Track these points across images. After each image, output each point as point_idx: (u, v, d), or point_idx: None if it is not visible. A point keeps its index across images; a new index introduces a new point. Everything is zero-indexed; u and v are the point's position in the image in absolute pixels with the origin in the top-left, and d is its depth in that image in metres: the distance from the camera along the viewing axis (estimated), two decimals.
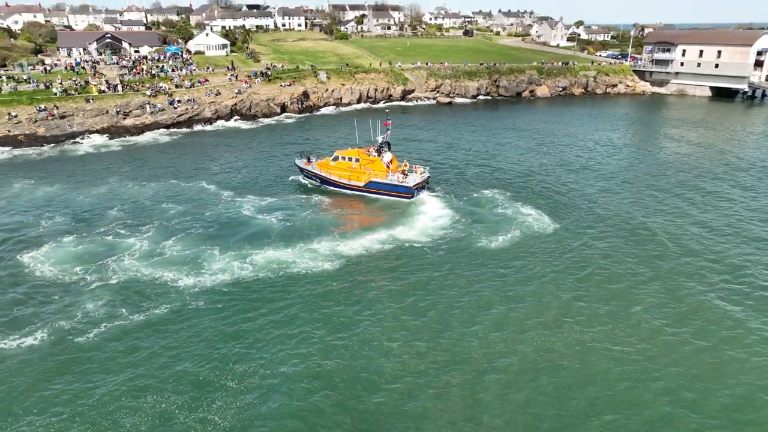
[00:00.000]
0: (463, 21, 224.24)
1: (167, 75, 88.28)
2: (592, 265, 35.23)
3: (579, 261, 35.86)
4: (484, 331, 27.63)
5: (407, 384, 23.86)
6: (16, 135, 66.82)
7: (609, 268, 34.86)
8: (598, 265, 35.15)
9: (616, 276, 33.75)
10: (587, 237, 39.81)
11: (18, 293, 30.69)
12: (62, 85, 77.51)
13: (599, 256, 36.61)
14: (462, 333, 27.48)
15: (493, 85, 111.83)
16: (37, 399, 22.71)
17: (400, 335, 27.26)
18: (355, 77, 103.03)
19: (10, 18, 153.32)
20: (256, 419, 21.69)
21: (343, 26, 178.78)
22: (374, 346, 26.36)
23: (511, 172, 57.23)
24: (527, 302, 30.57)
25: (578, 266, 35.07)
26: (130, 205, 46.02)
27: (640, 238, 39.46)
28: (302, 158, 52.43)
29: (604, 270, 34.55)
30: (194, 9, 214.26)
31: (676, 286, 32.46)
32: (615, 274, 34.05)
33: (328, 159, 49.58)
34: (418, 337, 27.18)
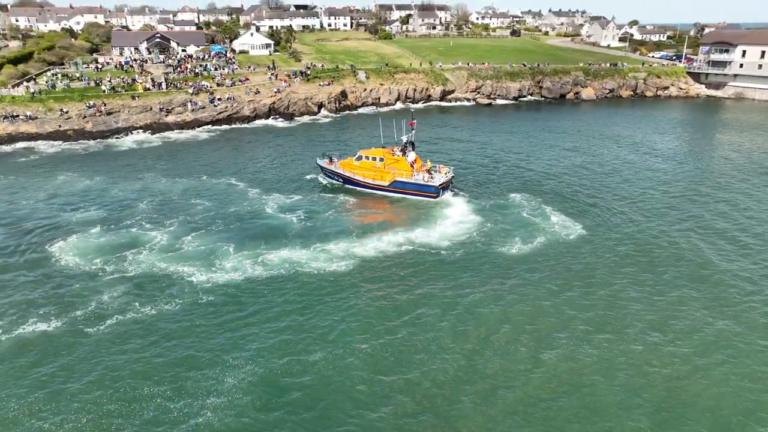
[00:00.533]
0: (511, 21, 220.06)
1: (210, 74, 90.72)
2: (622, 278, 33.40)
3: (607, 273, 34.11)
4: (502, 345, 26.42)
5: (406, 399, 23.26)
6: (65, 130, 70.21)
7: (643, 283, 32.84)
8: (631, 279, 33.23)
9: (648, 293, 31.79)
10: (619, 247, 37.84)
11: (42, 281, 32.03)
12: (111, 82, 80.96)
13: (632, 269, 34.64)
14: (477, 346, 26.26)
15: (536, 87, 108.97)
16: (41, 384, 23.50)
17: (404, 346, 26.62)
18: (394, 77, 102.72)
19: (73, 19, 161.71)
20: (245, 418, 21.65)
21: (388, 26, 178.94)
22: (374, 356, 25.85)
23: (545, 175, 55.39)
24: (547, 314, 29.29)
25: (605, 278, 33.37)
26: (159, 199, 47.36)
27: (678, 253, 36.97)
28: (324, 158, 52.38)
29: (635, 285, 32.63)
30: (245, 9, 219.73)
31: (715, 310, 30.36)
32: (647, 290, 32.09)
33: (351, 159, 49.46)
34: (422, 349, 26.46)
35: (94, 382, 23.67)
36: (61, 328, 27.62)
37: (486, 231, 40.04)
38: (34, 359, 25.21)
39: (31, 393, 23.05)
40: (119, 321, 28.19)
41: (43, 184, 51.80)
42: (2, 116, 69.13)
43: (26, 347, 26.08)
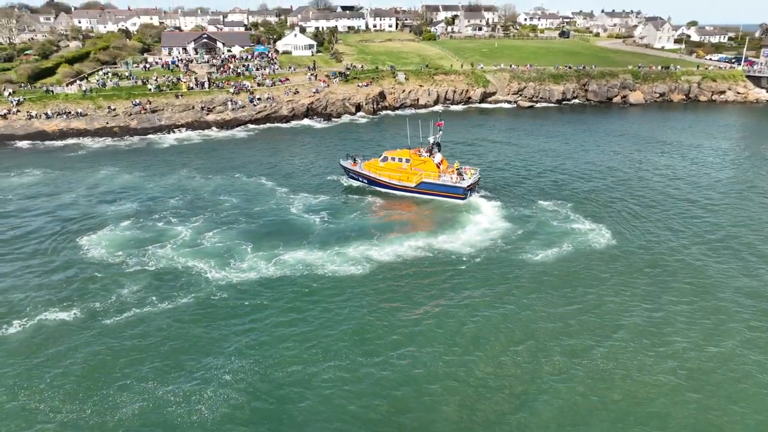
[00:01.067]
0: (561, 22, 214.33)
1: (251, 74, 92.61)
2: (656, 293, 31.71)
3: (641, 286, 32.46)
4: (520, 361, 25.45)
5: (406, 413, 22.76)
6: (112, 127, 73.24)
7: (671, 300, 31.16)
8: (664, 297, 31.52)
9: (677, 310, 30.07)
10: (649, 261, 35.92)
11: (68, 271, 33.33)
12: (157, 81, 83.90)
13: (667, 287, 32.83)
14: (494, 362, 25.27)
15: (582, 90, 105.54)
16: (50, 370, 24.39)
17: (410, 358, 26.08)
18: (433, 78, 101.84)
19: (130, 20, 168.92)
20: (241, 416, 21.72)
21: (433, 27, 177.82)
22: (379, 363, 25.46)
23: (581, 182, 53.43)
24: (572, 326, 28.10)
25: (639, 292, 31.75)
26: (190, 195, 48.56)
27: (722, 281, 34.69)
28: (348, 159, 52.23)
29: (670, 302, 30.92)
30: (293, 10, 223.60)
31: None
32: (678, 308, 30.36)
33: (376, 160, 49.19)
34: (430, 360, 25.86)
35: (99, 373, 24.33)
36: (80, 318, 28.60)
37: (512, 239, 38.84)
38: (49, 346, 26.16)
39: (41, 379, 23.92)
40: (135, 314, 28.93)
41: (85, 178, 54.10)
42: (56, 113, 72.78)
43: (44, 334, 27.12)
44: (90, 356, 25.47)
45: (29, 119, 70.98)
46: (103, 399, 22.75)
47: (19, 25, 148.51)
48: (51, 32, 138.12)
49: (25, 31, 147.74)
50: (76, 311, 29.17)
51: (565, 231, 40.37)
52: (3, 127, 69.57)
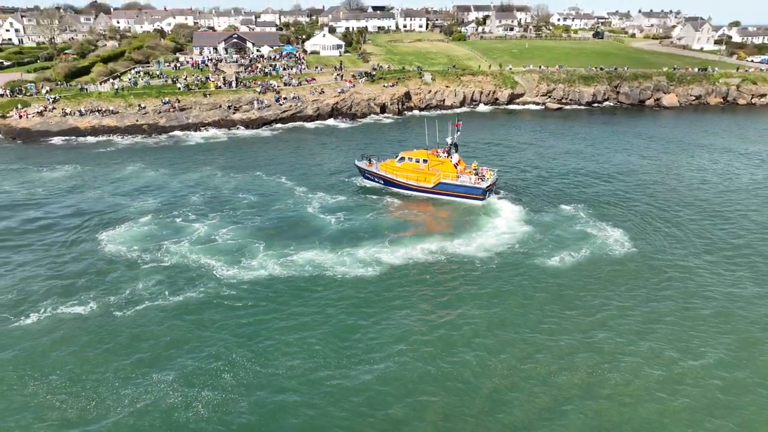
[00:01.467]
0: (596, 22, 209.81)
1: (278, 73, 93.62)
2: (670, 302, 30.64)
3: (651, 297, 31.43)
4: (535, 374, 24.85)
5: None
6: (141, 124, 75.08)
7: (690, 309, 30.01)
8: (679, 304, 30.45)
9: (692, 319, 28.97)
10: (667, 271, 34.73)
11: (85, 265, 34.25)
12: (186, 80, 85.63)
13: (682, 290, 31.74)
14: (507, 374, 24.72)
15: (613, 92, 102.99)
16: (62, 362, 25.09)
17: (414, 366, 25.82)
18: (460, 79, 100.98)
19: (165, 20, 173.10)
20: (238, 415, 21.87)
21: (463, 27, 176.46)
22: (381, 369, 25.28)
23: (605, 186, 52.15)
24: (582, 336, 27.40)
25: (647, 302, 30.74)
26: (211, 192, 49.34)
27: (743, 282, 33.48)
28: (363, 160, 52.01)
29: (683, 309, 29.86)
30: (324, 10, 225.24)
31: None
32: (694, 316, 29.24)
33: (392, 160, 48.96)
34: (437, 372, 25.53)
35: (107, 366, 24.91)
36: (95, 311, 29.32)
37: (530, 244, 38.11)
38: (62, 338, 26.92)
39: (52, 370, 24.63)
40: (147, 307, 29.53)
41: (112, 174, 55.56)
42: (89, 110, 75.06)
43: (59, 326, 27.91)
44: (99, 349, 26.08)
45: (64, 116, 73.41)
46: (107, 391, 23.28)
47: (61, 26, 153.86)
48: (90, 32, 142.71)
49: (66, 31, 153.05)
50: (91, 304, 29.91)
51: (585, 236, 39.39)
52: (39, 124, 72.11)
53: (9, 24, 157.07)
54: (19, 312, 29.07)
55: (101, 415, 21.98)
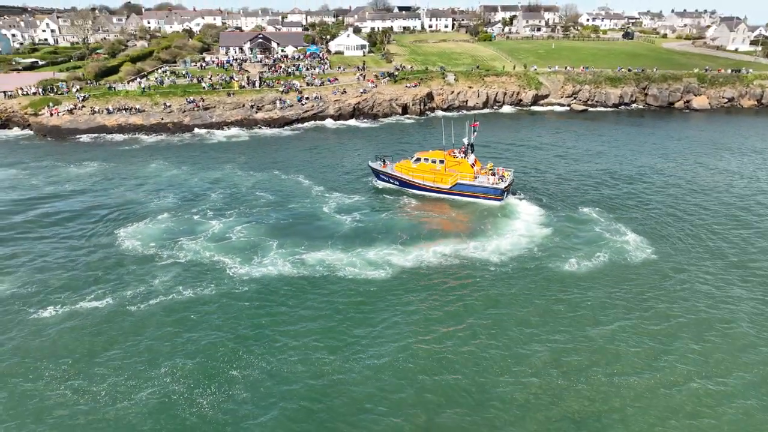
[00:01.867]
0: (626, 22, 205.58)
1: (301, 73, 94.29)
2: (692, 313, 29.74)
3: (670, 305, 30.56)
4: (550, 387, 24.36)
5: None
6: (166, 123, 76.51)
7: (710, 321, 29.08)
8: (698, 315, 29.52)
9: (714, 332, 28.04)
10: (688, 279, 33.73)
11: (104, 260, 35.06)
12: (211, 80, 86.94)
13: (703, 303, 30.77)
14: (521, 387, 24.30)
15: (641, 93, 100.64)
16: (77, 354, 25.69)
17: (420, 369, 25.62)
18: (484, 80, 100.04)
19: (194, 21, 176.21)
20: (241, 414, 22.05)
21: (490, 27, 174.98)
22: (386, 370, 25.16)
23: (628, 189, 50.97)
24: (597, 345, 26.81)
25: (666, 311, 29.90)
26: (230, 190, 49.96)
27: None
28: (377, 160, 51.64)
29: (703, 321, 28.94)
30: (351, 10, 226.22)
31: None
32: (716, 329, 28.32)
33: (408, 161, 48.68)
34: (445, 384, 25.25)
35: (118, 359, 25.41)
36: (111, 305, 29.96)
37: (546, 247, 37.42)
38: (79, 331, 27.59)
39: (67, 361, 25.26)
40: (161, 302, 30.06)
41: (136, 171, 56.73)
42: (116, 108, 76.86)
43: (75, 319, 28.61)
44: (112, 341, 26.66)
45: (92, 114, 75.32)
46: (118, 382, 23.77)
47: (94, 26, 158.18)
48: (121, 32, 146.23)
49: (99, 31, 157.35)
50: (108, 299, 30.56)
51: (604, 240, 38.53)
52: (69, 122, 74.14)
53: (45, 25, 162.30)
54: (37, 304, 29.91)
55: (110, 404, 22.44)
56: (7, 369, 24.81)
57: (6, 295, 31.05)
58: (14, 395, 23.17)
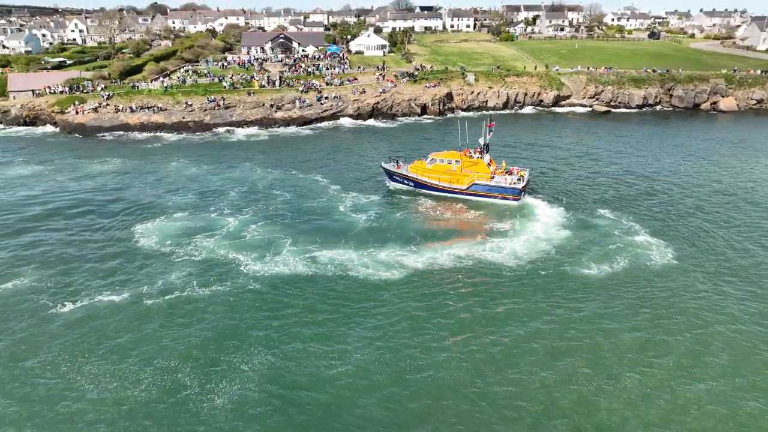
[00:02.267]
0: (652, 22, 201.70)
1: (321, 73, 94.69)
2: (712, 323, 29.01)
3: (693, 309, 29.86)
4: (568, 403, 23.86)
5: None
6: (187, 121, 77.60)
7: (731, 332, 28.31)
8: (717, 327, 28.77)
9: (737, 345, 27.25)
10: (711, 283, 32.90)
11: (122, 256, 35.72)
12: (232, 79, 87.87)
13: (723, 314, 29.97)
14: (538, 403, 23.77)
15: (666, 95, 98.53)
16: (94, 346, 26.19)
17: (426, 372, 25.49)
18: (504, 80, 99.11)
19: (217, 21, 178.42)
20: (250, 409, 22.20)
21: (512, 27, 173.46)
22: (392, 373, 25.08)
23: (649, 192, 49.90)
24: (617, 354, 26.33)
25: (690, 316, 29.20)
26: (248, 188, 50.45)
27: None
28: (391, 162, 51.14)
29: (724, 332, 28.19)
30: (373, 10, 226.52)
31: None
32: (739, 342, 27.54)
33: (422, 161, 48.35)
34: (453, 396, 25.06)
35: (135, 350, 25.81)
36: (127, 300, 30.51)
37: (565, 251, 36.79)
38: (96, 325, 28.15)
39: (83, 353, 25.78)
40: (177, 297, 30.51)
41: (157, 169, 57.65)
42: (139, 107, 78.23)
43: (93, 314, 29.20)
44: (127, 335, 27.13)
45: (116, 112, 76.80)
46: (129, 375, 24.19)
47: (121, 26, 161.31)
48: (146, 32, 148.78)
49: (125, 31, 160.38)
50: (125, 293, 31.11)
51: (625, 244, 37.73)
52: (93, 120, 75.72)
53: (74, 25, 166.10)
54: (57, 298, 30.60)
55: (123, 394, 22.85)
56: (23, 357, 25.40)
57: (26, 286, 31.88)
58: (30, 383, 23.72)
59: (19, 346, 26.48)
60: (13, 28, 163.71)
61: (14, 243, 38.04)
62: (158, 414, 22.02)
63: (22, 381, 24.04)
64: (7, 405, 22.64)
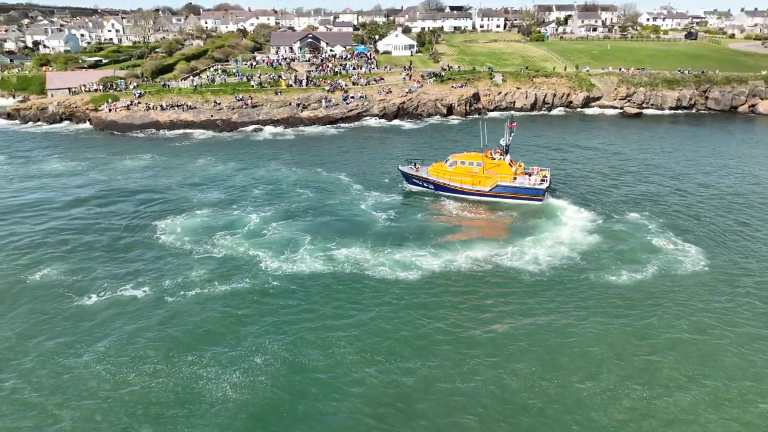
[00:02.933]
0: (690, 22, 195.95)
1: (348, 72, 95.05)
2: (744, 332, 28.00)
3: (727, 319, 28.86)
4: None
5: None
6: (215, 120, 78.94)
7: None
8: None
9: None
10: (748, 292, 31.73)
11: (145, 251, 36.53)
12: (260, 78, 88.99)
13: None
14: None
15: (701, 96, 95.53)
16: (117, 337, 26.85)
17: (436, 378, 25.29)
18: (533, 81, 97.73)
19: (249, 21, 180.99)
20: (261, 403, 22.44)
21: (543, 27, 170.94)
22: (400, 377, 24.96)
23: (682, 195, 48.42)
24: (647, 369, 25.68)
25: (725, 327, 28.23)
26: (272, 186, 51.03)
27: None
28: (409, 164, 49.95)
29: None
30: (402, 10, 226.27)
31: None
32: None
33: (442, 164, 47.72)
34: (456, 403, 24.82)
35: (153, 343, 26.39)
36: (150, 295, 31.14)
37: (590, 257, 35.68)
38: (117, 318, 28.87)
39: (104, 344, 26.45)
40: (197, 294, 30.99)
41: (185, 166, 58.80)
42: (169, 105, 79.94)
43: (116, 307, 29.95)
44: (146, 329, 27.72)
45: (147, 110, 78.68)
46: (148, 367, 24.68)
47: (155, 26, 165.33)
48: (179, 32, 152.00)
49: (159, 31, 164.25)
50: (146, 288, 31.77)
51: (656, 251, 36.43)
52: (125, 117, 77.73)
53: (111, 25, 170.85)
54: (81, 290, 31.50)
55: (139, 387, 23.36)
56: (52, 347, 26.23)
57: (53, 279, 32.88)
58: (55, 371, 24.51)
59: (41, 330, 27.33)
60: (53, 28, 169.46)
61: (45, 234, 39.42)
62: (172, 402, 22.43)
63: (44, 363, 24.80)
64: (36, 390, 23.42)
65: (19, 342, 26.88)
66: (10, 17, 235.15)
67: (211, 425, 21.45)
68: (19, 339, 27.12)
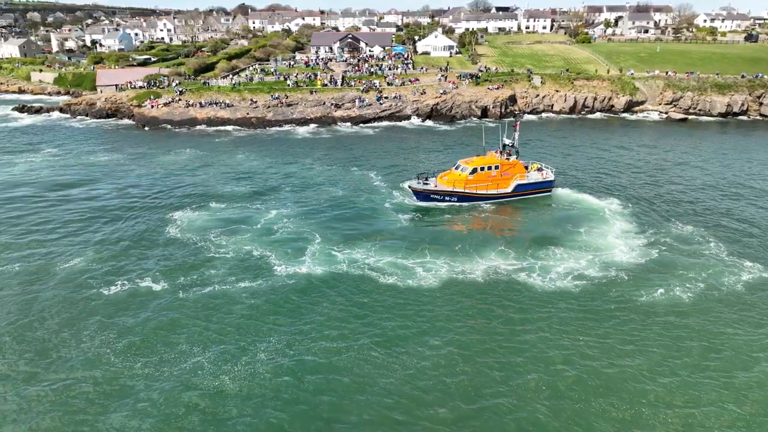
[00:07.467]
0: (752, 23, 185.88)
1: (383, 73, 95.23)
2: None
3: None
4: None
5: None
6: (250, 117, 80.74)
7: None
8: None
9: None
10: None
11: (162, 247, 37.65)
12: (296, 77, 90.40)
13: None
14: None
15: (754, 102, 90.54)
16: (129, 328, 27.92)
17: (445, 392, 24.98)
18: (573, 83, 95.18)
19: (294, 21, 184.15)
20: (265, 399, 22.82)
21: (591, 29, 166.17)
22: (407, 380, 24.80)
23: (731, 206, 45.96)
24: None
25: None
26: (300, 182, 52.21)
27: None
28: (419, 181, 45.59)
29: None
30: (448, 10, 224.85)
31: None
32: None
33: (453, 172, 46.12)
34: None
35: (164, 336, 27.29)
36: (166, 289, 32.07)
37: (630, 273, 33.46)
38: (133, 309, 30.01)
39: (120, 331, 27.54)
40: (210, 291, 31.67)
41: (221, 161, 60.67)
42: (207, 102, 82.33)
43: (134, 298, 31.11)
44: (161, 322, 28.65)
45: (186, 107, 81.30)
46: (158, 359, 25.54)
47: (204, 26, 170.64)
48: (227, 32, 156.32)
49: (207, 30, 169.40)
50: (163, 283, 32.70)
51: (700, 265, 34.53)
52: (166, 113, 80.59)
53: (163, 25, 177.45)
54: (106, 282, 32.80)
55: (149, 379, 24.21)
56: (70, 336, 27.54)
57: (78, 269, 34.43)
58: (73, 359, 25.73)
59: (64, 318, 28.74)
60: (110, 27, 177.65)
61: (82, 225, 41.61)
62: (183, 395, 23.11)
63: (67, 351, 26.04)
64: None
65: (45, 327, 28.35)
66: (75, 17, 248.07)
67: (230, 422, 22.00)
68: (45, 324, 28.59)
